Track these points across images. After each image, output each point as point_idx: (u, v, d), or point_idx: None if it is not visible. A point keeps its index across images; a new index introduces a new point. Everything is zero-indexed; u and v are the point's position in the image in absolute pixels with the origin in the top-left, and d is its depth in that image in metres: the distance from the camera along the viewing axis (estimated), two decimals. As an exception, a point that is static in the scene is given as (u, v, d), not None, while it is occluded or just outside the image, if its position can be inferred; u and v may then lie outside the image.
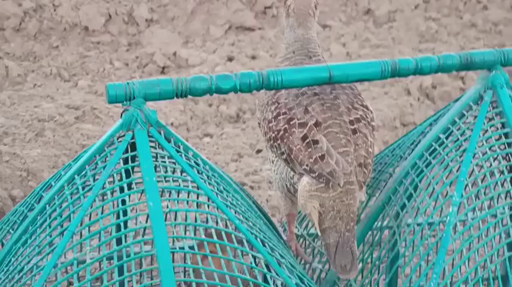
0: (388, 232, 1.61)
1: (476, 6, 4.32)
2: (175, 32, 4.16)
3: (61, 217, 1.26)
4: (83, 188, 1.27)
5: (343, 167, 1.39)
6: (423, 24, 4.10)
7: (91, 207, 1.26)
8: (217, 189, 1.34)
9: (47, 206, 1.29)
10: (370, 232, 1.63)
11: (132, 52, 3.94)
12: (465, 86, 3.48)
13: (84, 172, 1.29)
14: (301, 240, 1.83)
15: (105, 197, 1.27)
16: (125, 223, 1.27)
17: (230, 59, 3.91)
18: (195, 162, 1.36)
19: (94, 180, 1.28)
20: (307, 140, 1.41)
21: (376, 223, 1.62)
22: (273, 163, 1.54)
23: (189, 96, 1.36)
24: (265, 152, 3.14)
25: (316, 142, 1.41)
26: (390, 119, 3.33)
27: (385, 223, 1.62)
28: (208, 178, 1.35)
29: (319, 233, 1.40)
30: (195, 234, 1.30)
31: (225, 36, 4.19)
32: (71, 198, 1.27)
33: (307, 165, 1.40)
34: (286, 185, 1.50)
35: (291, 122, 1.44)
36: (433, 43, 3.93)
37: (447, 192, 1.42)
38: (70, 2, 4.09)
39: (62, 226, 1.25)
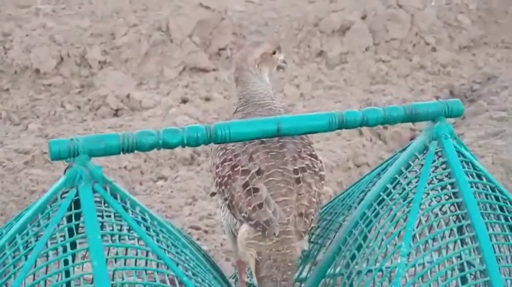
0: (340, 279, 1.61)
1: (425, 48, 4.45)
2: (129, 74, 4.15)
3: (3, 277, 1.22)
4: (25, 248, 1.23)
5: (280, 216, 1.40)
6: (374, 66, 4.19)
7: (34, 266, 1.22)
8: (166, 245, 1.32)
9: (-13, 267, 1.25)
10: (323, 280, 1.63)
11: (84, 94, 3.90)
12: (415, 126, 3.55)
13: (25, 231, 1.26)
14: (253, 290, 1.81)
15: (48, 257, 1.23)
16: (68, 283, 1.24)
17: (184, 101, 3.91)
18: (142, 218, 1.34)
19: (36, 239, 1.25)
20: (248, 188, 1.43)
21: (328, 271, 1.61)
22: (221, 208, 1.55)
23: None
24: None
25: (256, 190, 1.42)
26: (344, 160, 3.37)
27: (337, 270, 1.61)
28: (156, 233, 1.33)
29: (256, 282, 1.40)
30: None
31: (179, 78, 4.19)
32: (13, 258, 1.23)
33: (245, 212, 1.42)
34: (232, 230, 1.51)
35: (235, 169, 1.46)
36: (384, 85, 4.01)
37: (396, 242, 1.42)
38: (21, 45, 4.05)
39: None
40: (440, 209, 1.46)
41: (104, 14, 4.69)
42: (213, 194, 3.21)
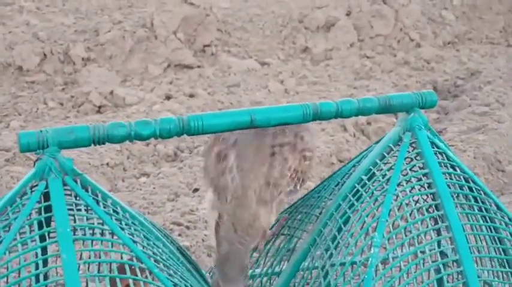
0: (315, 272, 1.61)
1: (409, 44, 4.45)
2: (113, 71, 4.12)
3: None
4: (-6, 241, 1.22)
5: (237, 182, 1.43)
6: (358, 62, 4.19)
7: (2, 260, 1.21)
8: (138, 237, 1.31)
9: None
10: (298, 273, 1.63)
11: (67, 91, 3.87)
12: (399, 122, 3.56)
13: (-6, 224, 1.24)
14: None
15: (17, 250, 1.22)
16: (37, 276, 1.22)
17: (168, 98, 3.89)
18: (113, 210, 1.33)
19: (5, 232, 1.23)
20: (219, 155, 1.47)
21: (303, 264, 1.61)
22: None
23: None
24: (202, 190, 3.11)
25: (225, 157, 1.45)
26: (327, 156, 3.37)
27: (312, 262, 1.61)
28: (127, 226, 1.32)
29: (215, 246, 1.43)
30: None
31: (164, 75, 4.18)
32: (-19, 251, 1.22)
33: (211, 178, 1.47)
34: None
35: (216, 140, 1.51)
36: (368, 80, 4.01)
37: (370, 233, 1.42)
38: (4, 42, 4.02)
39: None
40: (414, 200, 1.46)
41: (88, 11, 4.67)
42: (195, 190, 3.20)
